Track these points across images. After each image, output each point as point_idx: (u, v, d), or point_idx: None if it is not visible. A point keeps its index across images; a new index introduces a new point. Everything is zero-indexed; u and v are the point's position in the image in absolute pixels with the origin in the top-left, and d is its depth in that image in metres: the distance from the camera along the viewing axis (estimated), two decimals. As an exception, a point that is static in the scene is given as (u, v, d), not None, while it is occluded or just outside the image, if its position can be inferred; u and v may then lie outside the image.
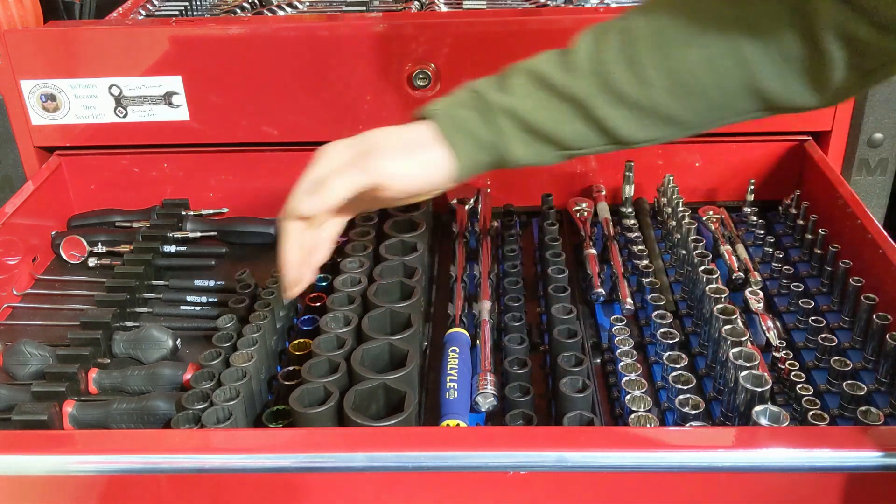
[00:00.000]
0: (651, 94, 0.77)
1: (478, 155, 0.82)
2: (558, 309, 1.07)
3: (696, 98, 0.77)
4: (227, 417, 0.90)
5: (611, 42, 0.77)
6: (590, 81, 0.77)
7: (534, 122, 0.79)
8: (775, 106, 0.76)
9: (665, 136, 0.81)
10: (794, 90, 0.73)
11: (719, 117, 0.80)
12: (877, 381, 1.00)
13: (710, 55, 0.74)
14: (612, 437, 0.84)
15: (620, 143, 0.81)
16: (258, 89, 1.37)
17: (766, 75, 0.73)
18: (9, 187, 1.44)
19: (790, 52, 0.72)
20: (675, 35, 0.75)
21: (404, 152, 0.81)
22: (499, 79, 0.82)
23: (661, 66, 0.76)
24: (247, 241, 1.40)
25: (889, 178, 1.43)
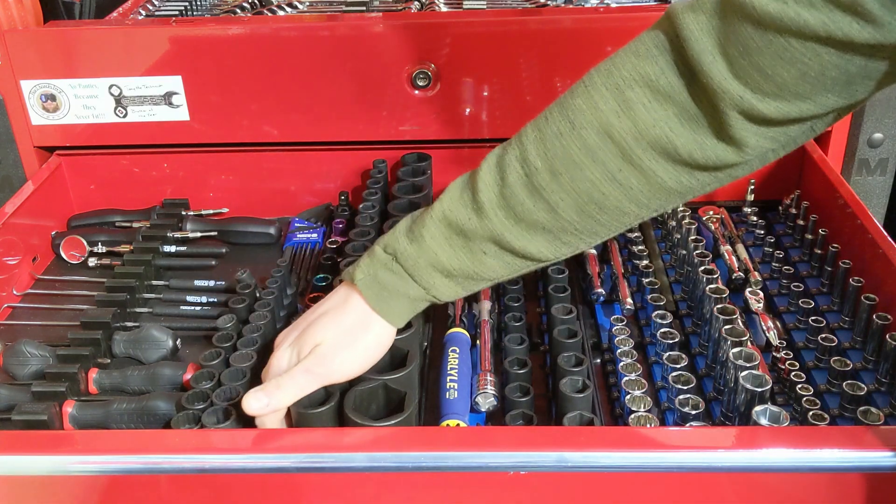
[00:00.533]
0: (560, 217, 0.80)
1: (408, 309, 0.88)
2: (558, 309, 1.07)
3: (605, 211, 0.79)
4: (227, 417, 0.90)
5: (511, 175, 0.80)
6: (501, 218, 0.81)
7: (457, 268, 0.84)
8: (699, 166, 0.76)
9: (585, 246, 0.84)
10: (709, 147, 0.74)
11: (634, 218, 0.81)
12: (877, 381, 1.00)
13: (609, 170, 0.76)
14: (612, 437, 0.84)
15: (542, 262, 0.85)
16: (258, 89, 1.37)
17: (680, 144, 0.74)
18: (9, 187, 1.44)
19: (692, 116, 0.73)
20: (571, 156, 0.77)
21: (345, 345, 0.87)
22: (410, 231, 0.86)
23: (562, 191, 0.78)
24: (247, 241, 1.40)
25: (889, 178, 1.43)
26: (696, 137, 0.73)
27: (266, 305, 1.09)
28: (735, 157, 0.74)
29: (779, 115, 0.70)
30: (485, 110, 1.39)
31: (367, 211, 1.24)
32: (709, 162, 0.74)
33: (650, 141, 0.74)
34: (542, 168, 0.78)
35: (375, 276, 0.86)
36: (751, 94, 0.69)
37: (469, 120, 1.40)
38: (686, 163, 0.75)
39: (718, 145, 0.73)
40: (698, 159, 0.74)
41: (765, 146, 0.74)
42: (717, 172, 0.77)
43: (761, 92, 0.69)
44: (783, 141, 0.75)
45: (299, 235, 1.38)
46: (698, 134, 0.73)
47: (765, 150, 0.75)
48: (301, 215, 1.45)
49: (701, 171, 0.76)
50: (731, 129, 0.72)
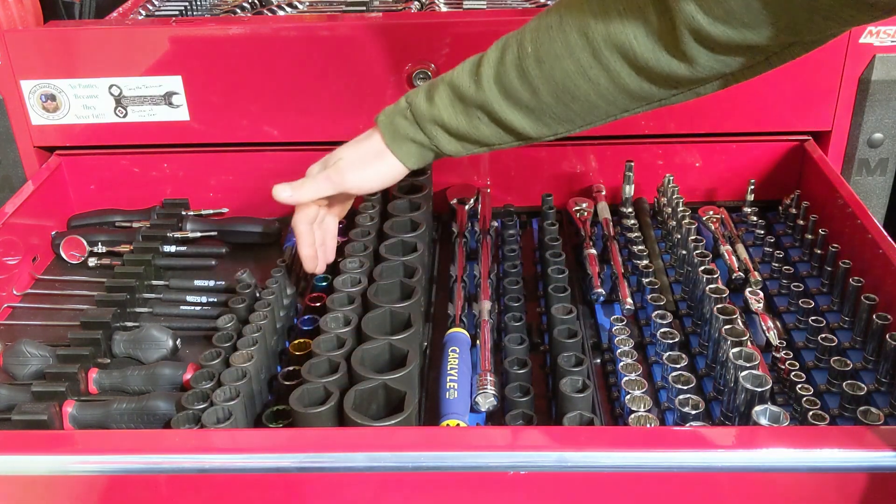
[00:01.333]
0: (540, 98, 0.90)
1: (418, 154, 1.01)
2: (558, 309, 1.07)
3: (577, 101, 0.89)
4: (227, 417, 0.90)
5: (509, 55, 0.91)
6: (493, 91, 0.92)
7: (455, 128, 0.96)
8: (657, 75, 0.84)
9: (564, 131, 0.94)
10: (663, 60, 0.82)
11: (604, 114, 0.91)
12: (877, 381, 1.00)
13: (582, 66, 0.86)
14: (612, 437, 0.84)
15: (530, 139, 0.96)
16: (258, 89, 1.37)
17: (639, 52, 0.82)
18: (9, 187, 1.44)
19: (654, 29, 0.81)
20: (554, 49, 0.87)
21: (360, 165, 1.03)
22: (429, 90, 0.99)
23: (544, 77, 0.89)
24: (247, 241, 1.40)
25: (889, 178, 1.43)
26: (654, 49, 0.81)
27: (266, 305, 1.09)
28: (686, 73, 0.82)
29: (726, 38, 0.77)
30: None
31: (366, 211, 1.24)
32: (663, 72, 0.83)
33: (616, 45, 0.83)
34: (531, 54, 0.89)
35: (393, 120, 1.01)
36: (702, 16, 0.76)
37: (469, 120, 1.40)
38: (644, 70, 0.83)
39: (672, 60, 0.81)
40: (654, 68, 0.83)
41: (714, 67, 0.81)
42: (672, 88, 0.85)
43: (712, 15, 0.76)
44: (735, 66, 0.81)
45: (299, 235, 1.38)
46: (657, 46, 0.81)
47: (715, 72, 0.82)
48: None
49: (659, 81, 0.84)
50: (684, 45, 0.79)
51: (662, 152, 1.44)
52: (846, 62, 1.33)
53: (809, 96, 1.37)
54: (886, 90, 1.34)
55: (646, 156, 1.43)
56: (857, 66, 1.34)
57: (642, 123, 1.40)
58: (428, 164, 1.04)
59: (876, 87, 1.34)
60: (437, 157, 1.03)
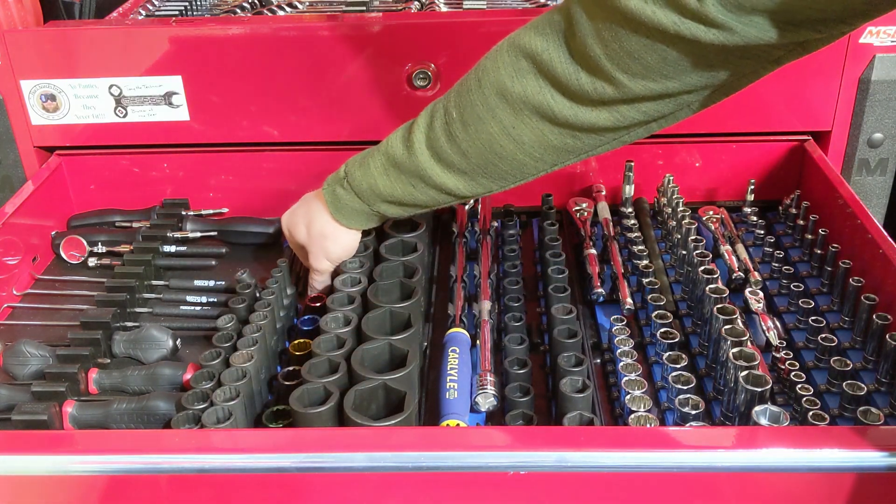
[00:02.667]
0: (469, 161, 0.93)
1: (366, 221, 1.07)
2: (558, 309, 1.07)
3: (504, 161, 0.91)
4: (227, 417, 0.90)
5: (437, 121, 0.94)
6: (425, 156, 0.95)
7: (390, 195, 1.00)
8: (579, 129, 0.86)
9: (498, 188, 0.97)
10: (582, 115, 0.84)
11: (534, 170, 0.93)
12: (877, 381, 1.00)
13: (504, 126, 0.88)
14: (612, 437, 0.84)
15: (466, 197, 0.99)
16: (258, 89, 1.37)
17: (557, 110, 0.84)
18: (9, 187, 1.44)
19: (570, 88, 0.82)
20: (477, 112, 0.89)
21: (326, 246, 1.10)
22: (363, 158, 1.02)
23: (471, 140, 0.91)
24: (247, 241, 1.40)
25: (889, 178, 1.43)
26: (572, 106, 0.83)
27: (266, 305, 1.09)
28: (608, 123, 0.84)
29: (647, 91, 0.79)
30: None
31: (367, 211, 1.24)
32: (584, 126, 0.85)
33: (535, 106, 0.85)
34: (457, 118, 0.91)
35: (334, 190, 1.05)
36: (621, 74, 0.78)
37: (469, 120, 1.40)
38: (566, 125, 0.85)
39: (592, 113, 0.83)
40: (574, 124, 0.85)
41: (636, 117, 0.83)
42: (596, 135, 0.86)
43: (630, 72, 0.78)
44: (655, 114, 0.83)
45: (299, 235, 1.38)
46: (574, 103, 0.83)
47: (637, 121, 0.84)
48: (301, 215, 1.45)
49: (582, 134, 0.86)
50: (604, 101, 0.81)
51: (662, 152, 1.44)
52: (846, 62, 1.33)
53: (809, 96, 1.37)
54: (886, 90, 1.34)
55: (646, 156, 1.43)
56: (857, 66, 1.34)
57: (642, 123, 1.39)
58: (378, 224, 1.10)
59: (876, 87, 1.34)
60: (384, 220, 1.09)
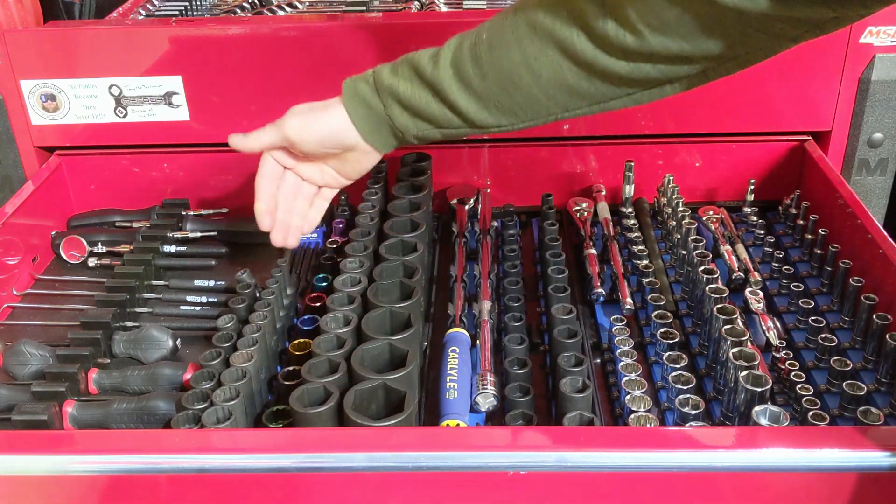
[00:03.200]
0: (487, 85, 0.94)
1: (370, 120, 1.02)
2: (558, 309, 1.07)
3: (519, 92, 0.92)
4: (227, 417, 0.90)
5: (467, 41, 0.95)
6: (447, 72, 0.96)
7: (407, 101, 0.99)
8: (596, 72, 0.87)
9: (507, 123, 0.97)
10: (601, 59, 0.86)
11: (545, 111, 0.94)
12: (877, 381, 1.00)
13: (526, 56, 0.90)
14: (612, 437, 0.84)
15: (476, 127, 0.98)
16: (258, 89, 1.37)
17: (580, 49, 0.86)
18: (9, 187, 1.44)
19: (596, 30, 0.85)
20: (505, 37, 0.91)
21: (306, 112, 1.05)
22: (394, 64, 1.02)
23: (493, 63, 0.92)
24: (247, 241, 1.40)
25: (889, 178, 1.43)
26: (594, 49, 0.85)
27: (266, 305, 1.09)
28: (624, 72, 0.86)
29: (663, 49, 0.81)
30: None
31: (366, 211, 1.24)
32: (602, 71, 0.87)
33: (559, 40, 0.87)
34: (485, 41, 0.93)
35: (355, 83, 1.04)
36: (643, 25, 0.80)
37: (469, 120, 1.40)
38: (584, 66, 0.87)
39: (610, 59, 0.85)
40: (593, 66, 0.87)
41: (651, 73, 0.85)
42: (611, 84, 0.88)
43: (650, 26, 0.80)
44: (670, 75, 0.86)
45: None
46: (596, 47, 0.85)
47: (652, 78, 0.86)
48: (301, 215, 1.45)
49: (598, 80, 0.88)
50: (623, 50, 0.83)
51: (662, 152, 1.44)
52: (846, 62, 1.33)
53: (809, 96, 1.37)
54: (886, 90, 1.34)
55: (646, 156, 1.43)
56: (857, 66, 1.34)
57: (642, 123, 1.40)
58: (382, 142, 1.03)
59: (876, 87, 1.34)
60: (394, 137, 1.03)
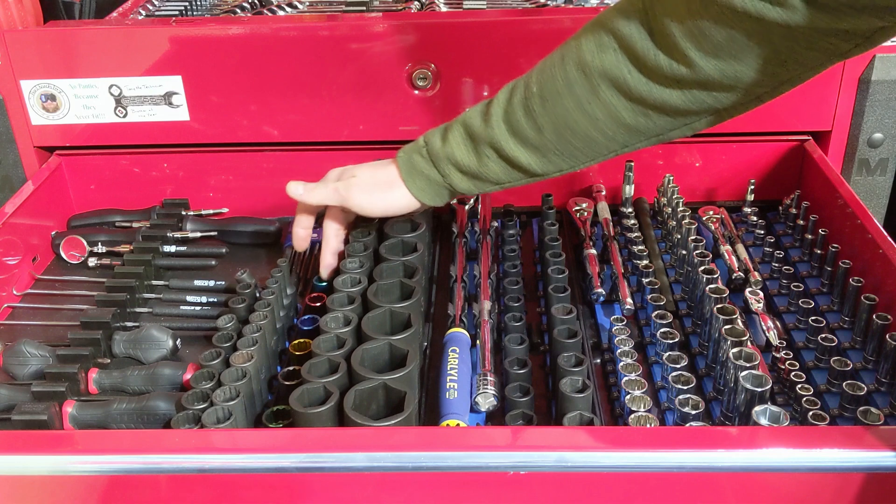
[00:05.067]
0: (543, 136, 0.95)
1: (431, 190, 1.07)
2: (558, 309, 1.07)
3: (577, 137, 0.93)
4: (227, 417, 0.90)
5: (517, 95, 0.96)
6: (501, 129, 0.97)
7: (466, 166, 1.01)
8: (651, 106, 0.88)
9: (568, 167, 0.98)
10: (656, 92, 0.86)
11: (605, 150, 0.95)
12: (877, 381, 1.00)
13: (580, 101, 0.90)
14: (612, 437, 0.84)
15: (536, 176, 1.00)
16: (258, 89, 1.37)
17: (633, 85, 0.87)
18: (9, 187, 1.44)
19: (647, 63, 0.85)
20: (556, 85, 0.92)
21: (370, 188, 1.09)
22: (444, 130, 1.04)
23: (547, 114, 0.93)
24: (247, 241, 1.40)
25: (889, 178, 1.43)
26: (647, 83, 0.86)
27: (266, 305, 1.09)
28: (679, 103, 0.86)
29: (717, 73, 0.81)
30: (485, 110, 1.39)
31: (367, 211, 1.24)
32: (656, 104, 0.87)
33: (611, 79, 0.88)
34: (536, 93, 0.94)
35: (410, 157, 1.06)
36: (694, 52, 0.81)
37: (469, 120, 1.40)
38: (639, 102, 0.88)
39: (665, 91, 0.86)
40: (647, 100, 0.87)
41: (707, 101, 0.85)
42: (668, 116, 0.89)
43: (702, 50, 0.80)
44: (727, 102, 0.86)
45: (299, 235, 1.38)
46: (650, 80, 0.86)
47: (708, 106, 0.86)
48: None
49: (654, 113, 0.88)
50: (677, 79, 0.84)
51: (662, 152, 1.44)
52: (846, 62, 1.33)
53: (809, 96, 1.37)
54: (886, 90, 1.34)
55: (646, 156, 1.43)
56: (857, 66, 1.34)
57: (642, 123, 1.40)
58: (442, 201, 1.09)
59: (876, 87, 1.34)
60: (453, 196, 1.08)
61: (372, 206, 1.10)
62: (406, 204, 1.09)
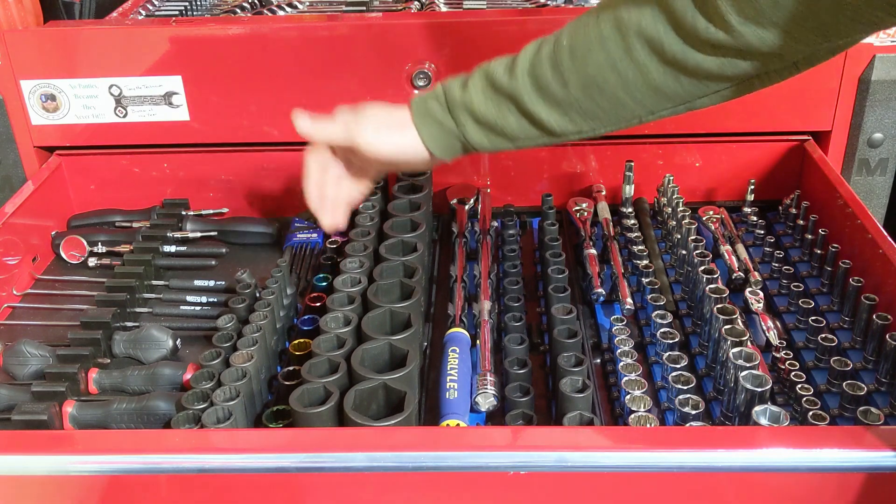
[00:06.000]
0: (569, 92, 0.91)
1: (442, 139, 1.01)
2: (558, 309, 1.07)
3: (604, 96, 0.90)
4: (227, 417, 0.90)
5: (545, 49, 0.93)
6: (524, 81, 0.93)
7: (482, 115, 0.97)
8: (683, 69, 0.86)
9: (589, 129, 0.95)
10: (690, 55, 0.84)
11: (629, 114, 0.92)
12: (877, 381, 1.00)
13: (612, 58, 0.88)
14: (612, 437, 0.84)
15: (553, 135, 0.96)
16: (258, 89, 1.37)
17: (667, 45, 0.85)
18: (9, 187, 1.44)
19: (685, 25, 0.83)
20: (588, 40, 0.89)
21: (381, 127, 1.03)
22: (464, 78, 1.00)
23: (576, 69, 0.90)
24: (247, 241, 1.40)
25: (889, 178, 1.43)
26: (682, 45, 0.84)
27: (266, 305, 1.09)
28: (714, 68, 0.84)
29: (756, 40, 0.80)
30: (485, 110, 1.39)
31: (366, 211, 1.24)
32: (689, 67, 0.85)
33: (646, 38, 0.85)
34: (566, 47, 0.91)
35: (425, 102, 1.02)
36: (734, 16, 0.78)
37: (469, 120, 1.40)
38: (672, 64, 0.85)
39: (699, 55, 0.83)
40: (681, 62, 0.85)
41: (741, 67, 0.84)
42: (698, 81, 0.86)
43: (743, 14, 0.78)
44: (762, 68, 0.84)
45: (299, 235, 1.38)
46: (685, 43, 0.83)
47: (742, 71, 0.84)
48: (301, 215, 1.45)
49: (686, 77, 0.86)
50: (713, 43, 0.81)
51: (662, 152, 1.44)
52: (846, 62, 1.34)
53: (809, 96, 1.37)
54: (886, 90, 1.34)
55: (646, 156, 1.43)
56: (857, 66, 1.34)
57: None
58: (452, 155, 1.02)
59: (876, 87, 1.34)
60: (465, 151, 1.02)
61: (380, 146, 1.03)
62: (415, 151, 1.02)
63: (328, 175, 1.09)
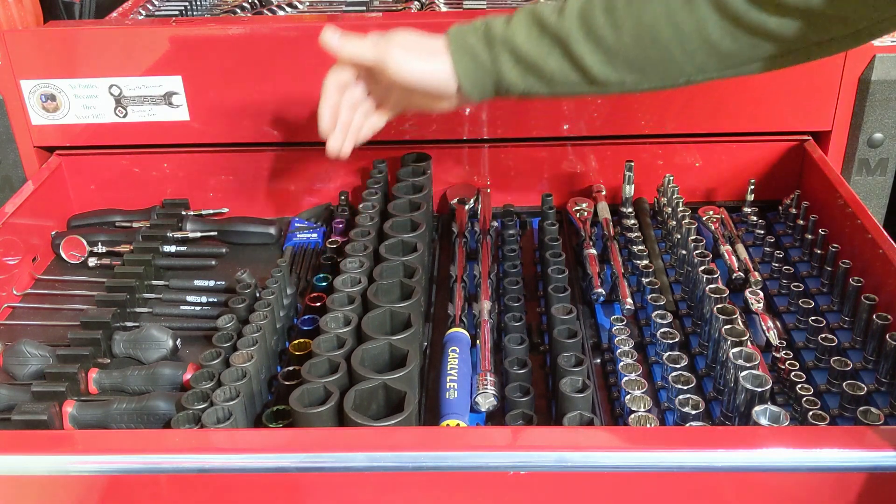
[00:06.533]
0: (620, 38, 0.88)
1: (474, 73, 0.96)
2: (558, 309, 1.07)
3: (656, 47, 0.88)
4: (227, 417, 0.90)
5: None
6: (574, 23, 0.90)
7: (523, 53, 0.93)
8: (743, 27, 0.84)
9: (631, 82, 0.92)
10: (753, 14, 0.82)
11: (678, 71, 0.89)
12: (877, 381, 1.00)
13: (670, 9, 0.85)
14: (612, 437, 0.84)
15: (595, 84, 0.92)
16: (258, 89, 1.37)
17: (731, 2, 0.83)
18: (9, 187, 1.44)
19: None
20: None
21: (412, 50, 0.98)
22: (510, 16, 0.96)
23: (631, 15, 0.87)
24: (247, 241, 1.40)
25: (889, 178, 1.43)
26: (746, 3, 0.81)
27: (266, 305, 1.09)
28: (774, 28, 0.82)
29: (822, 4, 0.78)
30: (485, 110, 1.39)
31: (367, 211, 1.24)
32: (750, 26, 0.83)
33: None
34: None
35: (463, 34, 0.97)
36: None
37: (469, 120, 1.40)
38: (732, 20, 0.83)
39: (762, 15, 0.81)
40: (742, 19, 0.82)
41: (803, 32, 0.81)
42: (756, 42, 0.84)
43: None
44: (823, 35, 0.82)
45: (299, 235, 1.38)
46: (750, 1, 0.81)
47: (802, 35, 0.82)
48: (301, 215, 1.45)
49: (744, 37, 0.84)
50: (780, 7, 0.80)
51: (662, 152, 1.44)
52: (846, 62, 1.34)
53: (809, 96, 1.37)
54: (886, 90, 1.34)
55: (646, 156, 1.43)
56: (857, 66, 1.34)
57: (642, 123, 1.40)
58: (481, 93, 0.98)
59: (876, 87, 1.34)
60: (495, 91, 0.98)
61: (409, 69, 0.97)
62: (443, 81, 0.97)
63: (345, 98, 1.05)
